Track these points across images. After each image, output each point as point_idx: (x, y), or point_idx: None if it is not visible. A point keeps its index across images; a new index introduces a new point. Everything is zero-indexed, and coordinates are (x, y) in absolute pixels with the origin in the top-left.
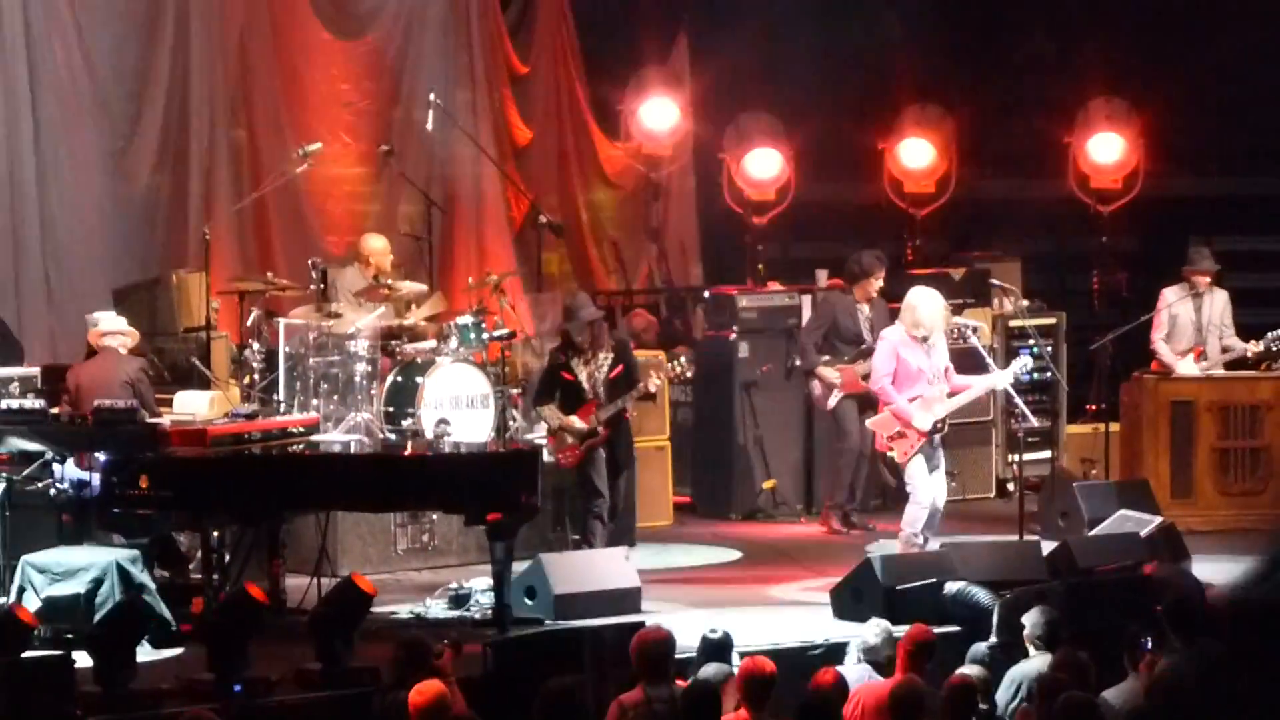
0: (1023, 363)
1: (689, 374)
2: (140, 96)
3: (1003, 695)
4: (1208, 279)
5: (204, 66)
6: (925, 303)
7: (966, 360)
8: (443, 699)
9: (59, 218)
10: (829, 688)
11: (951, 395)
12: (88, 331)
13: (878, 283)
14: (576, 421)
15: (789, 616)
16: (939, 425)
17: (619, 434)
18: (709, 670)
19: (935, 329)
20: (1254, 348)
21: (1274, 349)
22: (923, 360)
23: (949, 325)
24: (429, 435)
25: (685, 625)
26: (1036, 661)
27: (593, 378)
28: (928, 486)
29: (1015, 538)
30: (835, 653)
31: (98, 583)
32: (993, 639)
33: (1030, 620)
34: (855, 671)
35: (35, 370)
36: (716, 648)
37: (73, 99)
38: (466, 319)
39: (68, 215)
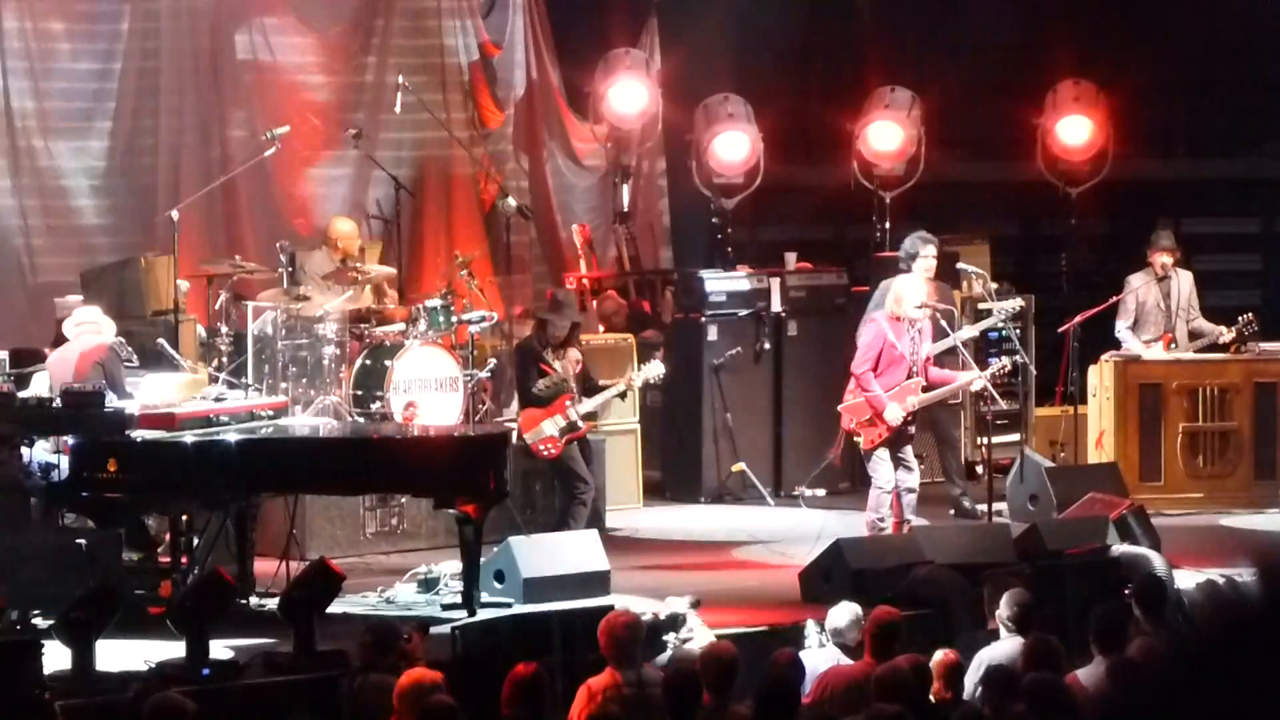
0: (1001, 364)
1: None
2: (111, 80)
3: (971, 678)
4: (1169, 260)
5: (174, 50)
6: (906, 287)
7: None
8: (425, 686)
9: (31, 201)
10: (785, 667)
11: (927, 389)
12: (57, 315)
13: (926, 261)
14: (559, 419)
15: (757, 599)
16: (909, 418)
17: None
18: (687, 652)
19: (918, 315)
20: (1226, 335)
21: (1245, 333)
22: (908, 346)
23: (930, 311)
24: (397, 418)
25: (653, 608)
26: (1006, 644)
27: (566, 370)
28: (890, 471)
29: (984, 520)
30: (803, 636)
31: (67, 567)
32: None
33: (1004, 602)
34: (824, 655)
35: (3, 354)
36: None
37: (45, 83)
38: (435, 302)
39: (39, 198)
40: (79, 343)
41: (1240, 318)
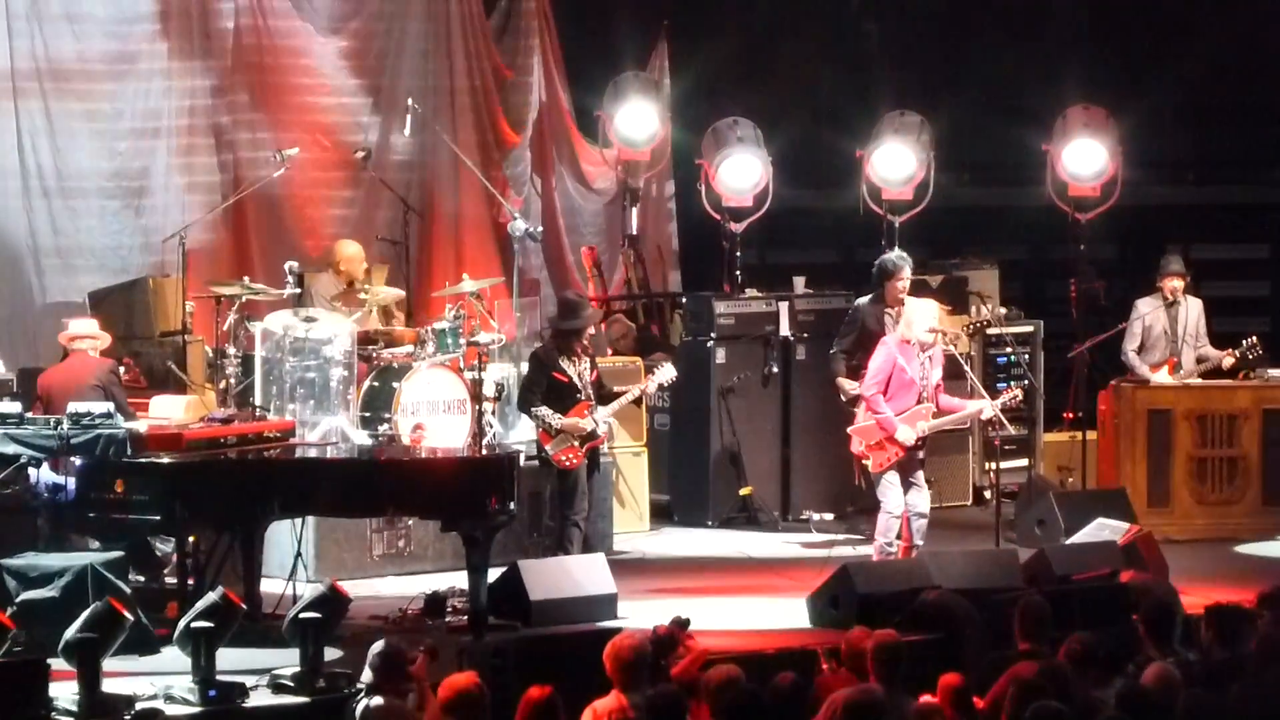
0: (1013, 394)
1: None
2: (122, 100)
3: None
4: (1179, 285)
5: (185, 71)
6: (917, 311)
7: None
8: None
9: (40, 221)
10: (787, 689)
11: (938, 415)
12: (60, 335)
13: (902, 283)
14: (581, 421)
15: (765, 623)
16: (920, 442)
17: None
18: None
19: (927, 339)
20: (1229, 360)
21: (1250, 356)
22: (918, 370)
23: (941, 336)
24: (405, 440)
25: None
26: None
27: (582, 378)
28: (899, 496)
29: (992, 546)
30: (811, 660)
31: (73, 587)
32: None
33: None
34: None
35: (11, 376)
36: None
37: (56, 104)
38: (444, 324)
39: (49, 218)
40: (75, 359)
41: (1244, 340)
